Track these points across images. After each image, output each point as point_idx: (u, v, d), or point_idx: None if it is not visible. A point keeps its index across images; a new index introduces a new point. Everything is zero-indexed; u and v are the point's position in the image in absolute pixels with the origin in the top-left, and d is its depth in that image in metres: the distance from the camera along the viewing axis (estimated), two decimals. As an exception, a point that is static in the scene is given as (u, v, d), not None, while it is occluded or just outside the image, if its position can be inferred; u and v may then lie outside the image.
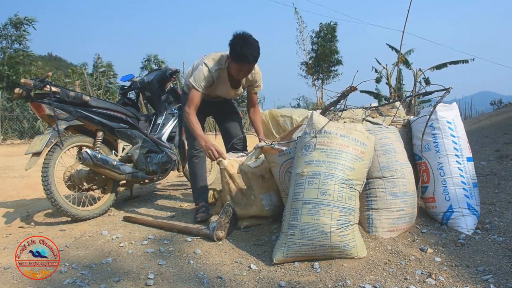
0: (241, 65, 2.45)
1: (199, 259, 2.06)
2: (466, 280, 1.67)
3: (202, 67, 2.55)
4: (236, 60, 2.44)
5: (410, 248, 1.99)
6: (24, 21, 13.35)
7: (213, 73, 2.55)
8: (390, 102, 3.04)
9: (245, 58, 2.41)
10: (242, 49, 2.38)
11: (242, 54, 2.39)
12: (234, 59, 2.45)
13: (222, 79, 2.62)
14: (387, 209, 2.12)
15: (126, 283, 1.82)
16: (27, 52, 13.64)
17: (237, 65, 2.47)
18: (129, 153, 3.13)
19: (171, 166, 3.33)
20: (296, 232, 1.87)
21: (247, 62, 2.44)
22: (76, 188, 2.91)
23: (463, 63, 14.10)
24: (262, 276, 1.83)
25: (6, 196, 3.82)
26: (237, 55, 2.40)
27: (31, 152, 2.57)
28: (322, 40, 18.92)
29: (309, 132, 2.09)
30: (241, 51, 2.38)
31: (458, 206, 2.18)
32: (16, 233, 2.65)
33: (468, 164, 2.26)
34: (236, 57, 2.42)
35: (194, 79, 2.54)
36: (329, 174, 1.91)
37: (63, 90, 2.78)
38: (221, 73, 2.60)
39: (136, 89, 3.58)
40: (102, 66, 15.91)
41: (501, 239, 2.01)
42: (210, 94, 2.72)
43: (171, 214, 2.93)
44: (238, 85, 2.71)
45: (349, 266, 1.83)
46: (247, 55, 2.40)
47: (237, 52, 2.40)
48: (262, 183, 2.55)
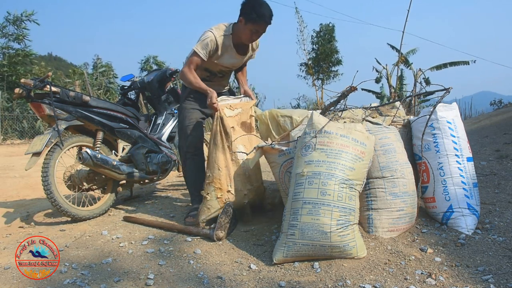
0: (259, 25, 2.47)
1: (199, 259, 2.06)
2: (466, 280, 1.67)
3: (207, 33, 2.52)
4: (255, 21, 2.44)
5: (410, 248, 1.99)
6: (23, 18, 13.28)
7: (219, 38, 2.52)
8: (390, 102, 3.04)
9: (264, 18, 2.44)
10: (262, 8, 2.42)
11: (262, 14, 2.42)
12: (252, 20, 2.44)
13: (227, 47, 2.59)
14: (387, 209, 2.12)
15: (126, 283, 1.82)
16: (27, 51, 13.58)
17: (254, 26, 2.47)
18: (129, 153, 3.13)
19: (171, 166, 3.33)
20: (296, 232, 1.87)
21: (264, 21, 2.46)
22: (76, 188, 2.91)
23: (464, 65, 14.06)
24: (262, 276, 1.83)
25: (6, 196, 3.82)
26: (258, 15, 2.42)
27: (31, 152, 2.57)
28: (322, 40, 18.94)
29: (309, 132, 2.09)
30: (262, 10, 2.41)
31: (458, 206, 2.18)
32: (16, 233, 2.65)
33: (468, 164, 2.26)
34: (256, 17, 2.43)
35: (198, 46, 2.50)
36: (329, 174, 1.91)
37: (63, 90, 2.78)
38: (226, 40, 2.56)
39: (136, 89, 3.58)
40: (102, 66, 15.89)
41: (501, 239, 2.01)
42: (213, 69, 2.68)
43: (171, 214, 2.93)
44: (246, 50, 2.69)
45: (349, 266, 1.83)
46: (267, 14, 2.44)
47: (257, 12, 2.41)
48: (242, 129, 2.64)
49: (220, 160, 2.47)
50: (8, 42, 13.34)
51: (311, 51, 19.51)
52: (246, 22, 2.46)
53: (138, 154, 3.12)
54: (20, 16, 13.22)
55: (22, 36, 13.39)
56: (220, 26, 2.57)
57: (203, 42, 2.50)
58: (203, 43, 2.50)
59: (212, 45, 2.51)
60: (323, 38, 18.98)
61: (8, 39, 13.31)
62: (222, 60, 2.64)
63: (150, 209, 3.09)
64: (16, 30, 13.38)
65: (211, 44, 2.50)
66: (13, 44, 13.50)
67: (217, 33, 2.52)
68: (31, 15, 13.37)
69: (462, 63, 13.95)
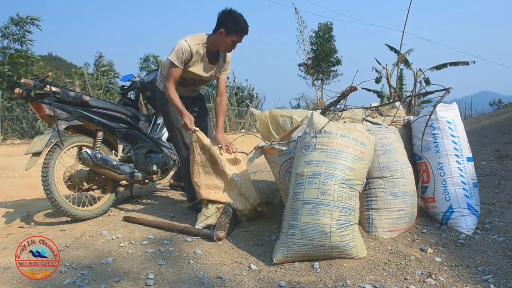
0: (240, 36, 2.65)
1: (199, 259, 2.06)
2: (466, 280, 1.67)
3: (181, 42, 2.62)
4: (237, 32, 2.61)
5: (410, 248, 1.99)
6: (27, 20, 13.28)
7: (193, 47, 2.63)
8: (390, 102, 3.04)
9: (246, 30, 2.64)
10: (242, 21, 2.61)
11: (244, 26, 2.62)
12: (235, 32, 2.60)
13: (200, 55, 2.70)
14: (387, 209, 2.12)
15: (126, 283, 1.82)
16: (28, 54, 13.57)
17: (236, 37, 2.63)
18: (129, 153, 3.13)
19: (171, 166, 3.33)
20: (296, 232, 1.87)
21: (245, 33, 2.66)
22: (76, 188, 2.91)
23: (464, 65, 14.05)
24: (262, 276, 1.83)
25: (6, 196, 3.82)
26: (241, 27, 2.61)
27: (31, 152, 2.57)
28: (321, 39, 18.95)
29: (309, 132, 2.09)
30: (242, 23, 2.60)
31: (458, 206, 2.18)
32: (16, 233, 2.65)
33: (468, 164, 2.26)
34: (239, 29, 2.61)
35: (173, 55, 2.61)
36: (329, 174, 1.91)
37: (63, 90, 2.78)
38: (199, 49, 2.67)
39: (136, 89, 3.58)
40: (104, 65, 15.85)
41: (501, 239, 2.01)
42: (185, 76, 2.76)
43: (171, 214, 2.93)
44: (216, 60, 2.80)
45: (349, 266, 1.83)
46: (246, 27, 2.64)
47: (240, 25, 2.60)
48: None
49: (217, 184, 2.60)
50: (9, 42, 13.35)
51: (311, 51, 19.52)
52: (227, 34, 2.60)
53: (138, 154, 3.12)
54: (25, 18, 13.23)
55: (24, 38, 13.39)
56: (195, 36, 2.68)
57: (178, 52, 2.60)
58: (178, 53, 2.60)
59: (186, 54, 2.62)
60: (322, 37, 18.99)
61: (10, 40, 13.32)
62: (194, 68, 2.73)
63: (150, 209, 3.09)
64: (18, 31, 13.39)
65: (186, 53, 2.61)
66: (14, 45, 13.53)
67: (192, 42, 2.63)
68: (36, 19, 13.39)
69: (462, 63, 13.95)
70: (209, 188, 2.58)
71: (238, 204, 2.55)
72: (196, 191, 2.60)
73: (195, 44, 2.63)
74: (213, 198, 2.55)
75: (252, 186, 2.70)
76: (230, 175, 2.57)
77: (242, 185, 2.61)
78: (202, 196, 2.55)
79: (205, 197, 2.55)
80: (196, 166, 2.60)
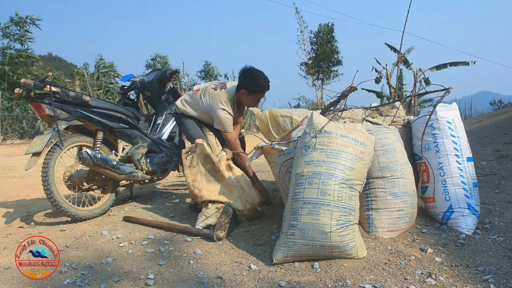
0: (261, 94, 2.81)
1: (199, 259, 2.06)
2: (466, 280, 1.67)
3: (222, 113, 2.78)
4: (258, 92, 2.78)
5: (410, 248, 1.99)
6: (27, 20, 13.28)
7: (231, 112, 2.83)
8: (390, 102, 3.04)
9: (265, 88, 2.80)
10: (262, 81, 2.76)
11: (263, 85, 2.77)
12: (256, 92, 2.77)
13: (234, 112, 2.90)
14: (387, 209, 2.11)
15: (126, 283, 1.82)
16: (28, 53, 13.58)
17: (257, 95, 2.81)
18: (129, 153, 3.13)
19: (171, 166, 3.33)
20: (296, 232, 1.87)
21: (266, 90, 2.81)
22: (76, 188, 2.91)
23: (464, 65, 14.04)
24: (262, 276, 1.83)
25: (6, 196, 3.82)
26: (260, 87, 2.77)
27: (31, 152, 2.57)
28: (321, 40, 18.93)
29: (309, 132, 2.09)
30: (262, 82, 2.76)
31: (458, 206, 2.18)
32: (16, 233, 2.65)
33: (468, 164, 2.26)
34: (259, 89, 2.77)
35: (225, 126, 2.81)
36: (329, 174, 1.91)
37: (63, 90, 2.78)
38: (233, 108, 2.87)
39: (136, 89, 3.58)
40: (105, 67, 15.84)
41: (501, 239, 2.01)
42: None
43: (171, 214, 2.93)
44: (243, 108, 3.03)
45: (349, 266, 1.83)
46: (266, 85, 2.79)
47: (260, 85, 2.76)
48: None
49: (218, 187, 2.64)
50: (9, 42, 13.36)
51: (311, 51, 19.51)
52: (249, 94, 2.78)
53: (138, 154, 3.12)
54: (25, 18, 13.23)
55: (24, 38, 13.39)
56: (226, 99, 2.81)
57: (227, 123, 2.81)
58: (228, 123, 2.81)
59: (231, 119, 2.84)
60: (322, 38, 18.97)
61: (10, 39, 13.32)
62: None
63: (150, 209, 3.09)
64: (18, 31, 13.39)
65: (231, 119, 2.84)
66: (14, 45, 13.53)
67: (228, 108, 2.81)
68: (37, 19, 13.40)
69: (462, 63, 13.94)
70: (210, 190, 2.61)
71: (238, 204, 2.56)
72: (196, 195, 2.61)
73: (231, 109, 2.82)
74: (214, 199, 2.55)
75: (251, 186, 2.70)
76: (230, 179, 2.62)
77: (242, 186, 2.63)
78: (203, 198, 2.56)
79: (206, 198, 2.55)
80: (200, 175, 2.65)
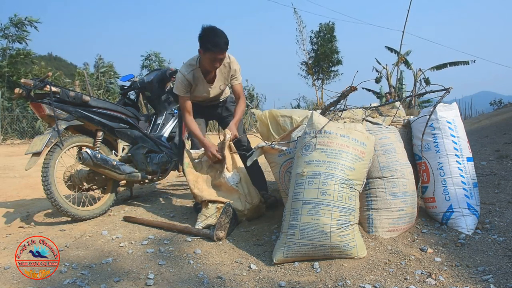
0: (215, 53, 2.56)
1: (199, 259, 2.06)
2: (466, 280, 1.67)
3: (178, 74, 2.74)
4: (209, 49, 2.55)
5: (410, 248, 1.99)
6: (25, 22, 13.32)
7: (187, 75, 2.70)
8: (390, 102, 3.04)
9: (219, 46, 2.56)
10: (214, 38, 2.55)
11: (217, 42, 2.54)
12: (207, 49, 2.56)
13: (199, 78, 2.75)
14: (387, 209, 2.11)
15: (126, 283, 1.82)
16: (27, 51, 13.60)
17: (212, 55, 2.57)
18: (129, 153, 3.13)
19: (171, 166, 3.33)
20: (296, 232, 1.87)
21: (219, 49, 2.57)
22: (76, 188, 2.91)
23: (464, 65, 14.05)
24: (262, 276, 1.83)
25: (6, 196, 3.82)
26: (213, 44, 2.54)
27: (31, 152, 2.57)
28: (322, 40, 18.93)
29: (309, 132, 2.09)
30: (216, 39, 2.54)
31: (458, 206, 2.18)
32: (16, 233, 2.65)
33: (468, 164, 2.26)
34: (211, 47, 2.55)
35: (176, 88, 2.74)
36: (329, 174, 1.91)
37: (63, 90, 2.78)
38: (196, 73, 2.73)
39: (136, 89, 3.58)
40: (104, 66, 15.86)
41: (501, 239, 2.01)
42: (196, 97, 2.85)
43: (171, 214, 2.93)
44: (214, 79, 2.81)
45: (349, 266, 1.83)
46: (220, 42, 2.55)
47: (210, 42, 2.54)
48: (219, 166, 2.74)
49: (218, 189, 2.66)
50: (8, 43, 13.38)
51: (311, 51, 19.51)
52: (204, 52, 2.59)
53: (138, 154, 3.12)
54: (23, 20, 13.26)
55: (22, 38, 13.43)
56: (189, 62, 2.73)
57: (177, 85, 2.72)
58: (179, 86, 2.71)
59: (184, 83, 2.71)
60: (323, 38, 18.97)
61: (9, 40, 13.35)
62: (197, 93, 2.82)
63: (150, 209, 3.09)
64: (17, 32, 13.43)
65: (184, 83, 2.70)
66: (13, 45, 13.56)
67: (185, 70, 2.70)
68: (35, 21, 13.43)
69: (462, 63, 13.95)
70: (211, 191, 2.63)
71: (238, 204, 2.56)
72: (196, 195, 2.62)
73: (188, 72, 2.70)
74: (214, 199, 2.56)
75: (251, 186, 2.70)
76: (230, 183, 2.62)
77: (242, 186, 2.63)
78: (204, 198, 2.56)
79: (207, 198, 2.56)
80: (201, 180, 2.67)
